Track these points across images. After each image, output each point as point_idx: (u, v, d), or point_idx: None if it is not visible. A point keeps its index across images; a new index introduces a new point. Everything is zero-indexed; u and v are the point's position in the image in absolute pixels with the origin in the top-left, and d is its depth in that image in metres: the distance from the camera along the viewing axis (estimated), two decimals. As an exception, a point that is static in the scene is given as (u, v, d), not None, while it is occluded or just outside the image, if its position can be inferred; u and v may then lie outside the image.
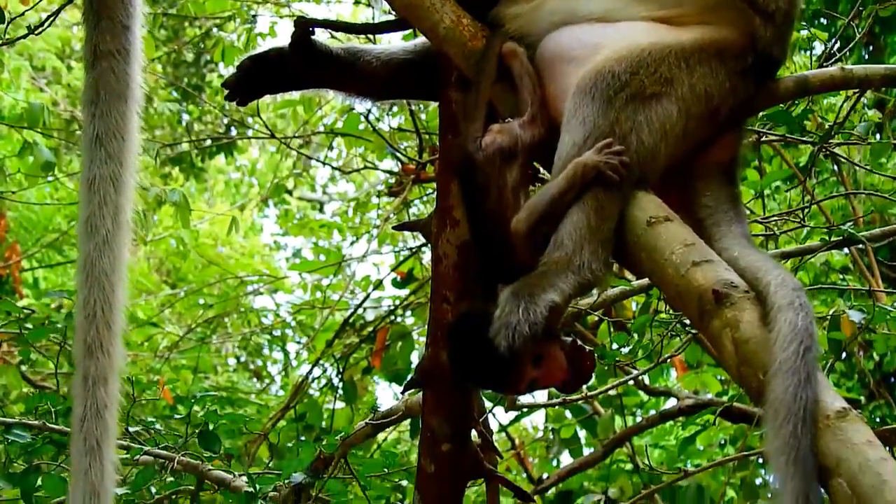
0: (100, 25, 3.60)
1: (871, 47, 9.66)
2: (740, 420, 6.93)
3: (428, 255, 5.50)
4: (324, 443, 4.65)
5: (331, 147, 10.19)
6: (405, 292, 9.19)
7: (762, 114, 4.55)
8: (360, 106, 7.49)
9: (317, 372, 9.16)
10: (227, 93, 3.67)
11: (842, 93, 4.97)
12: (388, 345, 8.46)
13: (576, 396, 6.36)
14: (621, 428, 7.61)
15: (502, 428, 9.00)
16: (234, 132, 12.11)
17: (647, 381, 7.96)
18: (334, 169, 10.92)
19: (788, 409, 2.35)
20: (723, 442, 8.28)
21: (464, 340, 3.06)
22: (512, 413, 6.43)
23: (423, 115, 7.44)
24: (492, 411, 5.56)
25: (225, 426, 4.86)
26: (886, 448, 2.28)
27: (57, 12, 5.04)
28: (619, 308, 7.43)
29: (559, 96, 3.12)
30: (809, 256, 5.24)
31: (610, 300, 5.77)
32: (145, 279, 12.79)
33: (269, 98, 3.88)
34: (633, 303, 7.20)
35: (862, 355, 8.80)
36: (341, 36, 4.85)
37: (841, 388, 9.22)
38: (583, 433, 8.38)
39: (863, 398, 9.41)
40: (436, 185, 3.59)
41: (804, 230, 5.87)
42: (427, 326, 3.69)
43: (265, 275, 12.75)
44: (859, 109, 5.57)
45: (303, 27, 3.51)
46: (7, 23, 4.96)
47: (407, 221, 5.27)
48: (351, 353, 8.67)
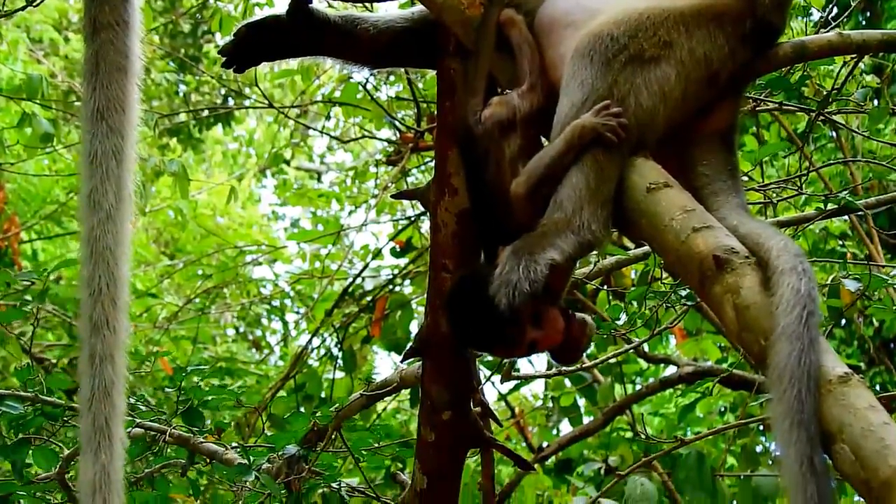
0: (98, -3, 3.56)
1: (868, 13, 9.62)
2: (740, 387, 6.94)
3: (427, 223, 5.48)
4: (318, 414, 4.63)
5: (328, 116, 10.14)
6: (404, 261, 9.20)
7: (760, 80, 4.54)
8: (357, 74, 7.47)
9: (316, 342, 9.19)
10: (223, 60, 3.65)
11: (838, 59, 4.94)
12: (388, 314, 8.47)
13: (573, 368, 6.35)
14: (621, 396, 7.63)
15: (502, 397, 9.02)
16: (231, 102, 12.05)
17: (646, 349, 7.98)
18: (332, 138, 10.88)
19: (792, 374, 2.34)
20: (723, 409, 8.31)
21: (464, 301, 3.05)
22: (511, 382, 6.41)
23: (420, 84, 7.40)
24: (489, 379, 5.55)
25: (215, 401, 4.82)
26: (887, 415, 2.28)
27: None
28: (617, 276, 7.43)
29: (558, 63, 3.10)
30: (807, 224, 5.23)
31: (607, 269, 5.76)
32: (144, 250, 12.78)
33: (267, 67, 3.85)
34: (632, 271, 7.19)
35: (862, 322, 8.81)
36: (338, 4, 4.81)
37: (841, 355, 9.21)
38: (582, 401, 8.40)
39: (863, 364, 9.43)
40: (434, 153, 3.57)
41: (802, 198, 5.86)
42: (426, 295, 3.68)
43: (264, 245, 12.75)
44: (857, 76, 5.55)
45: (300, -6, 3.49)
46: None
47: (405, 190, 5.26)
48: (350, 323, 8.68)
